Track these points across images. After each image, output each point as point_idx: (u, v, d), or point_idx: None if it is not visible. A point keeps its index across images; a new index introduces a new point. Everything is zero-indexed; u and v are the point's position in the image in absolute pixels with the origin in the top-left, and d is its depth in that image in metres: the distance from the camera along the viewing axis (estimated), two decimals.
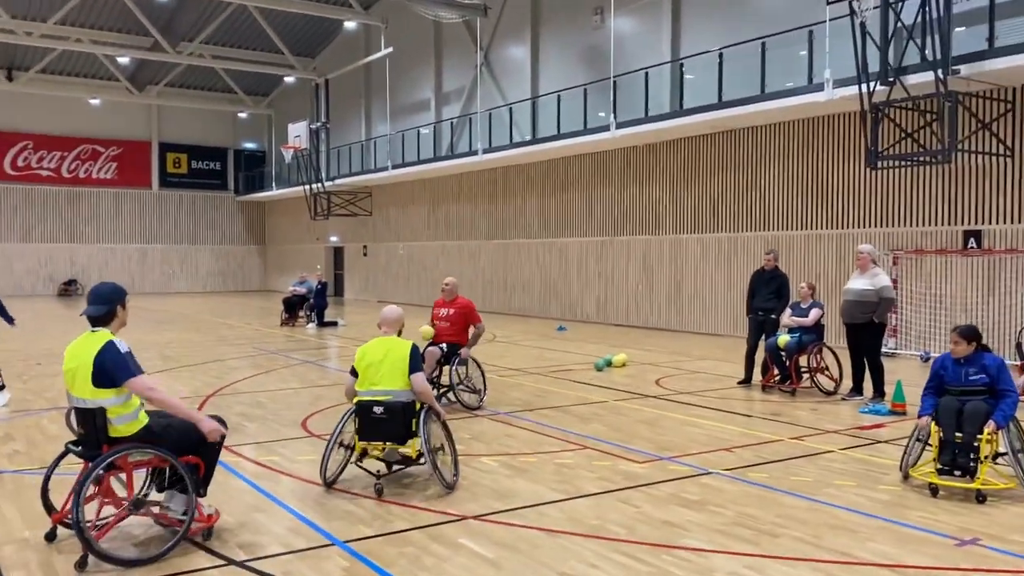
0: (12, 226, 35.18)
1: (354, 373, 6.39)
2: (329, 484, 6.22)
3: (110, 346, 4.81)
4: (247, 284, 40.70)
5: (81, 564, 4.65)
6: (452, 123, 26.69)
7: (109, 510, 5.02)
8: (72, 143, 36.34)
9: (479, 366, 9.87)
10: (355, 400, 6.30)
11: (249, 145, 40.56)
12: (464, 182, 26.54)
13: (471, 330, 9.76)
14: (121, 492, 5.08)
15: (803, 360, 10.65)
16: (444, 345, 9.52)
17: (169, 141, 38.55)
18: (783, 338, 10.49)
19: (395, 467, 6.37)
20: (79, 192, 36.61)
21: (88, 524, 4.69)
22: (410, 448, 6.19)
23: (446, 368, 9.46)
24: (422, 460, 6.20)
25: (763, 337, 10.97)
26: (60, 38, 29.51)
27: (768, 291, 11.00)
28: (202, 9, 29.19)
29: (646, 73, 18.81)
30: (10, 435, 8.19)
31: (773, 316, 10.89)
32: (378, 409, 6.13)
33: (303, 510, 5.76)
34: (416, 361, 6.33)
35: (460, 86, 26.91)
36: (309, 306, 20.60)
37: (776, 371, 10.71)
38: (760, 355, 11.02)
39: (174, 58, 30.81)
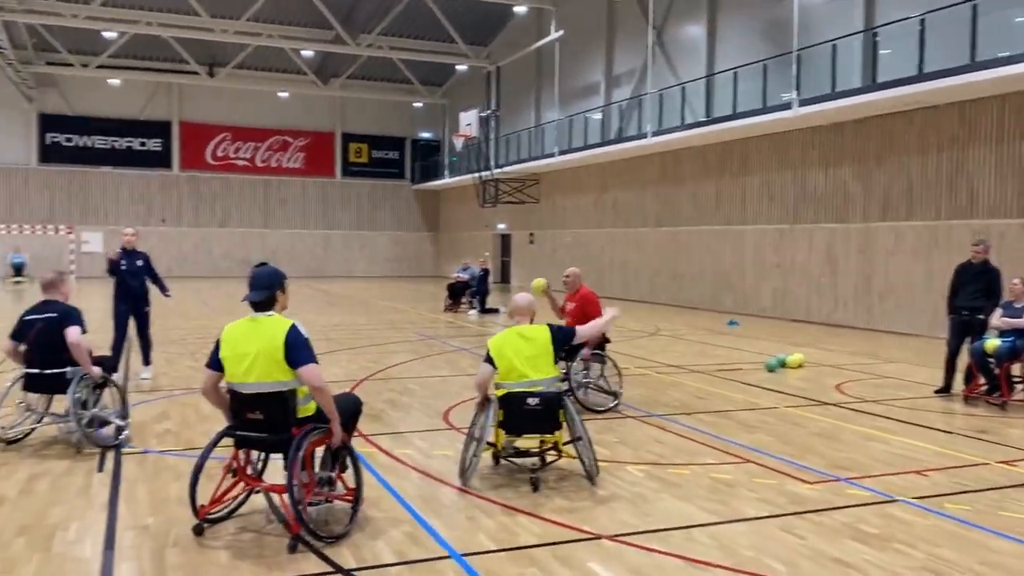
0: (213, 212, 37.91)
1: (491, 362, 6.02)
2: (466, 482, 5.93)
3: (295, 329, 4.80)
4: (421, 270, 41.80)
5: (292, 548, 4.63)
6: (622, 106, 25.84)
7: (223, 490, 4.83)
8: (265, 134, 38.64)
9: (615, 365, 8.98)
10: (500, 392, 6.00)
11: (425, 134, 41.53)
12: (633, 167, 25.65)
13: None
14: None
15: (1016, 368, 9.14)
16: None
17: (351, 132, 40.18)
18: (992, 342, 9.02)
19: (548, 461, 6.17)
20: (270, 180, 38.90)
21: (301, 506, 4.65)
22: (557, 438, 6.05)
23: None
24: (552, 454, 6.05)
25: (968, 340, 9.49)
26: (253, 34, 31.27)
27: (975, 288, 9.49)
28: (380, 1, 29.95)
29: (833, 45, 17.16)
30: (166, 413, 8.39)
31: (981, 316, 9.38)
32: (532, 401, 5.89)
33: (425, 513, 5.34)
34: (559, 345, 6.21)
35: (631, 67, 26.00)
36: (472, 292, 20.57)
37: (982, 380, 9.25)
38: (963, 361, 9.56)
39: (354, 50, 31.87)
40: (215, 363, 4.93)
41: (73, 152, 35.70)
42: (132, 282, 10.13)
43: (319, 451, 5.09)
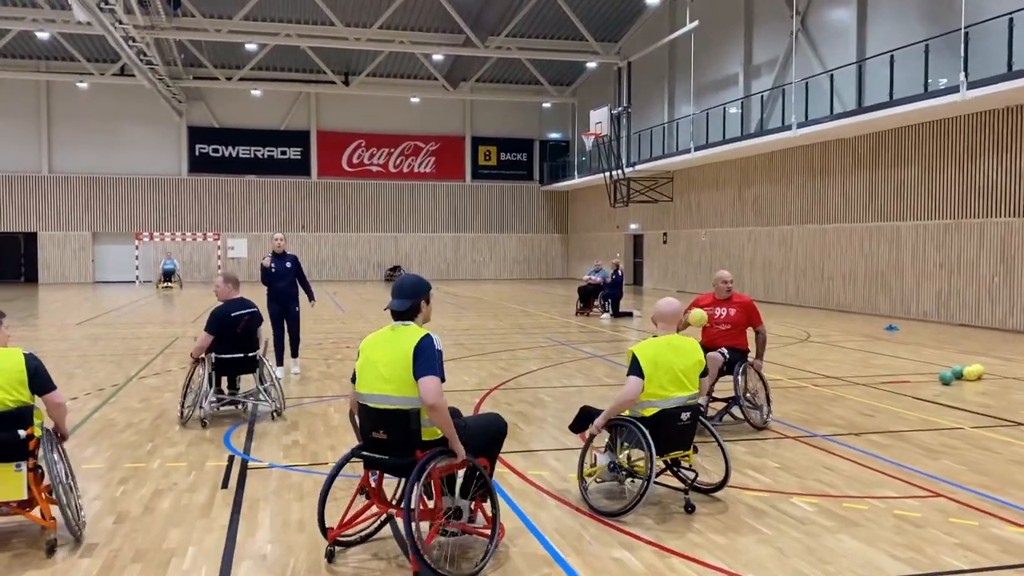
0: (348, 217, 38.84)
1: (640, 375, 5.33)
2: (607, 513, 5.29)
3: (428, 340, 4.39)
4: (550, 272, 41.37)
5: None
6: (763, 97, 24.43)
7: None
8: (397, 140, 39.26)
9: (762, 377, 8.05)
10: (650, 412, 5.35)
11: (553, 135, 41.08)
12: (775, 161, 24.19)
13: (752, 334, 8.06)
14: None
15: None
16: (725, 350, 7.79)
17: (480, 135, 40.23)
18: None
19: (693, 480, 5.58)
20: (402, 185, 39.48)
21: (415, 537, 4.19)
22: (689, 454, 5.64)
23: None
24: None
25: None
26: (385, 41, 31.72)
27: None
28: (508, 2, 29.69)
29: (1010, 19, 15.38)
30: (295, 423, 8.16)
31: None
32: (686, 416, 5.41)
33: (564, 550, 4.72)
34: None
35: (772, 57, 24.55)
36: (604, 295, 19.84)
37: None
38: None
39: (483, 52, 31.77)
40: (355, 375, 4.62)
41: (219, 162, 37.40)
42: (280, 283, 10.64)
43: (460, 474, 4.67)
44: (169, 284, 32.02)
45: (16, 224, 35.37)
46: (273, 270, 10.55)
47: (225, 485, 6.06)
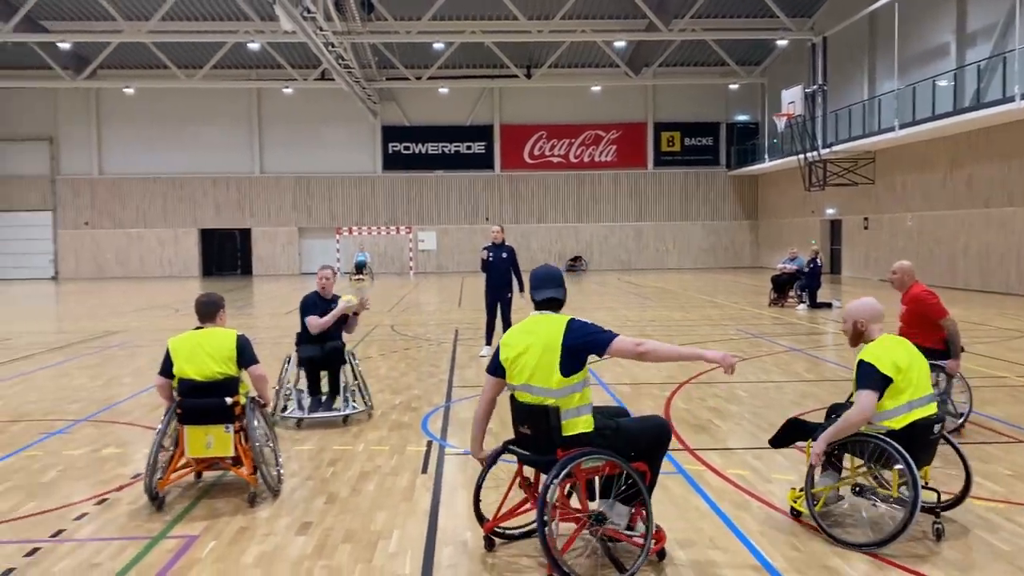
0: (530, 209, 39.35)
1: (876, 387, 4.62)
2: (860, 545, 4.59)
3: (574, 324, 4.28)
4: (738, 260, 39.93)
5: None
6: (979, 67, 22.20)
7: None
8: (578, 130, 39.27)
9: (962, 377, 7.10)
10: (901, 422, 4.63)
11: (741, 117, 39.54)
12: (995, 137, 21.93)
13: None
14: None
15: None
16: None
17: (663, 120, 39.44)
18: None
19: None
20: (583, 175, 39.47)
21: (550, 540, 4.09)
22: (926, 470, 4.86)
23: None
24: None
25: None
26: (567, 31, 31.76)
27: None
28: None
29: None
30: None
31: None
32: (938, 427, 4.76)
33: (775, 559, 4.45)
34: None
35: (990, 22, 22.26)
36: (800, 285, 18.82)
37: None
38: None
39: (667, 36, 31.05)
40: (498, 367, 4.49)
41: (410, 159, 39.03)
42: (495, 272, 11.59)
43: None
44: (361, 277, 33.46)
45: (234, 221, 38.69)
46: (491, 259, 11.55)
47: (425, 470, 6.24)
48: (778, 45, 33.94)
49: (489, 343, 11.75)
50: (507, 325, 11.45)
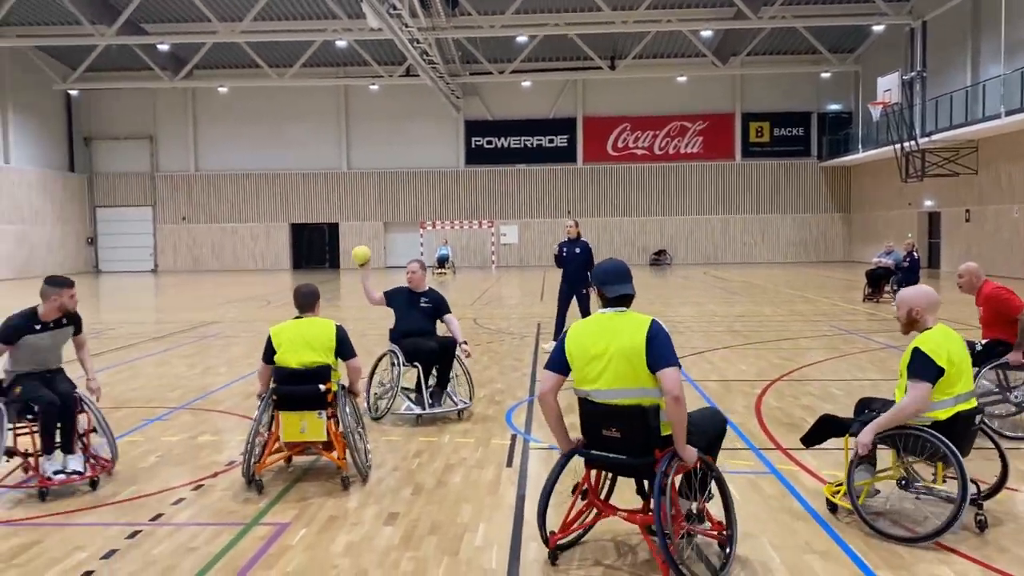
0: (613, 202, 38.98)
1: (931, 378, 4.56)
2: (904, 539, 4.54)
3: (658, 326, 4.13)
4: (829, 254, 38.67)
5: None
6: None
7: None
8: (663, 122, 38.68)
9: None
10: (946, 413, 4.60)
11: (833, 107, 38.23)
12: None
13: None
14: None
15: None
16: (979, 344, 6.91)
17: (751, 111, 38.48)
18: None
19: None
20: (668, 167, 38.87)
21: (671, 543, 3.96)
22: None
23: None
24: None
25: None
26: (652, 21, 31.27)
27: None
28: None
29: None
30: (571, 405, 8.19)
31: None
32: (979, 418, 4.80)
33: (872, 562, 4.25)
34: None
35: None
36: (896, 280, 18.06)
37: None
38: None
39: (756, 24, 30.25)
40: (560, 363, 4.28)
41: (492, 153, 39.17)
42: (569, 267, 11.61)
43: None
44: (443, 271, 33.59)
45: (322, 216, 39.62)
46: (564, 254, 11.60)
47: (510, 464, 6.22)
48: (873, 31, 32.65)
49: (556, 339, 11.55)
50: (584, 316, 11.42)
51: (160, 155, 39.68)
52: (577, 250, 11.58)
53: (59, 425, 5.66)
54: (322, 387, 5.66)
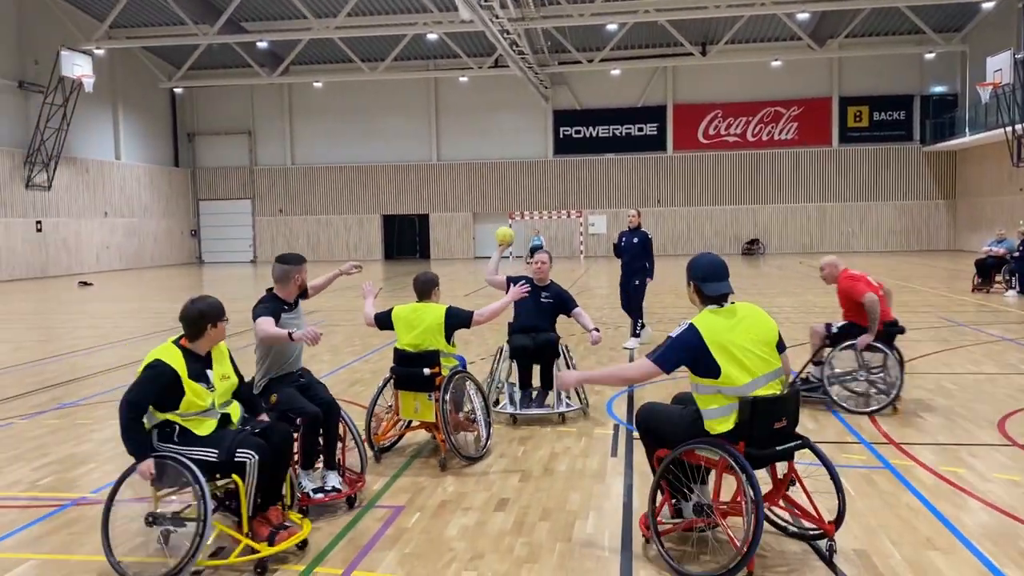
0: (704, 191, 38.31)
1: None
2: None
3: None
4: (933, 243, 37.09)
5: None
6: None
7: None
8: (756, 108, 37.77)
9: (892, 354, 7.30)
10: None
11: (937, 89, 36.57)
12: None
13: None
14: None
15: None
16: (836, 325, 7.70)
17: (849, 94, 37.17)
18: None
19: None
20: (761, 154, 37.95)
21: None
22: None
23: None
24: None
25: None
26: (746, 5, 30.52)
27: None
28: None
29: None
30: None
31: None
32: None
33: (1000, 561, 4.12)
34: None
35: None
36: (1009, 270, 17.22)
37: None
38: None
39: (854, 4, 29.19)
40: (671, 363, 4.09)
41: (580, 143, 39.03)
42: (626, 257, 11.31)
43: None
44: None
45: (413, 207, 40.30)
46: (622, 244, 11.33)
47: (614, 453, 6.25)
48: (982, 8, 31.06)
49: (636, 335, 11.14)
50: (637, 314, 11.12)
51: (258, 149, 41.06)
52: (635, 240, 11.18)
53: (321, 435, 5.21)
54: (427, 371, 5.87)
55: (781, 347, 4.23)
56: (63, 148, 30.44)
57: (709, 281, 4.19)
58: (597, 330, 7.44)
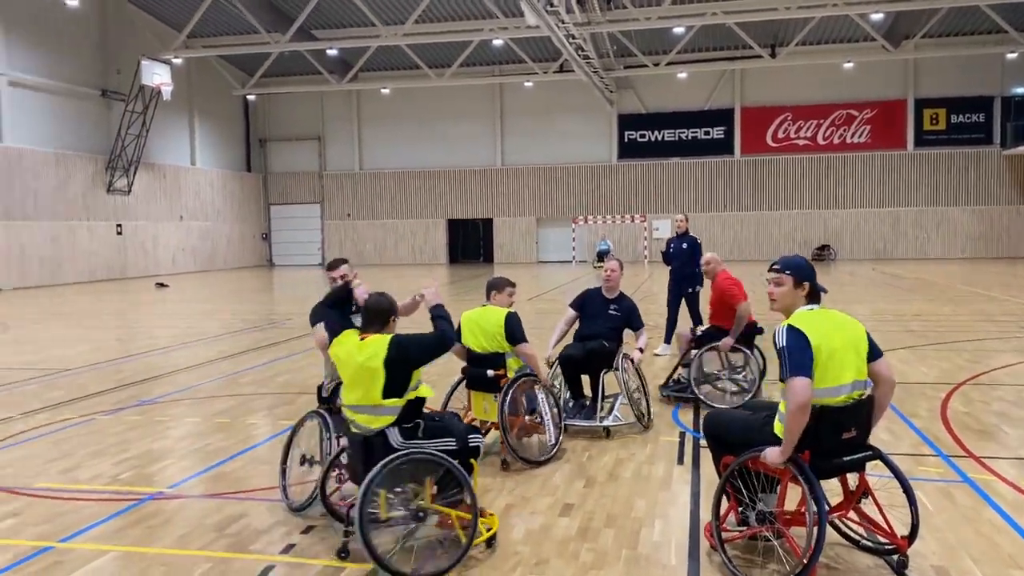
0: (772, 195, 37.59)
1: None
2: None
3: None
4: (1014, 250, 35.65)
5: None
6: None
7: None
8: (827, 110, 36.90)
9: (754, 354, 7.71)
10: None
11: (1020, 90, 35.16)
12: None
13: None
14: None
15: None
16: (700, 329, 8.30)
17: (925, 96, 36.04)
18: None
19: None
20: (832, 158, 37.05)
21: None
22: None
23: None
24: None
25: None
26: (818, 6, 29.85)
27: None
28: None
29: None
30: None
31: None
32: None
33: None
34: None
35: None
36: None
37: None
38: None
39: (931, 3, 28.29)
40: (809, 367, 3.87)
41: (646, 147, 38.69)
42: (675, 263, 11.17)
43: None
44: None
45: (477, 211, 40.55)
46: (671, 250, 11.25)
47: (680, 461, 6.18)
48: None
49: (668, 341, 10.89)
50: (695, 321, 10.38)
51: (327, 154, 41.86)
52: (684, 245, 11.03)
53: None
54: (490, 372, 6.06)
55: (875, 353, 4.09)
56: (142, 154, 31.57)
57: (816, 280, 4.20)
58: (641, 350, 7.19)
